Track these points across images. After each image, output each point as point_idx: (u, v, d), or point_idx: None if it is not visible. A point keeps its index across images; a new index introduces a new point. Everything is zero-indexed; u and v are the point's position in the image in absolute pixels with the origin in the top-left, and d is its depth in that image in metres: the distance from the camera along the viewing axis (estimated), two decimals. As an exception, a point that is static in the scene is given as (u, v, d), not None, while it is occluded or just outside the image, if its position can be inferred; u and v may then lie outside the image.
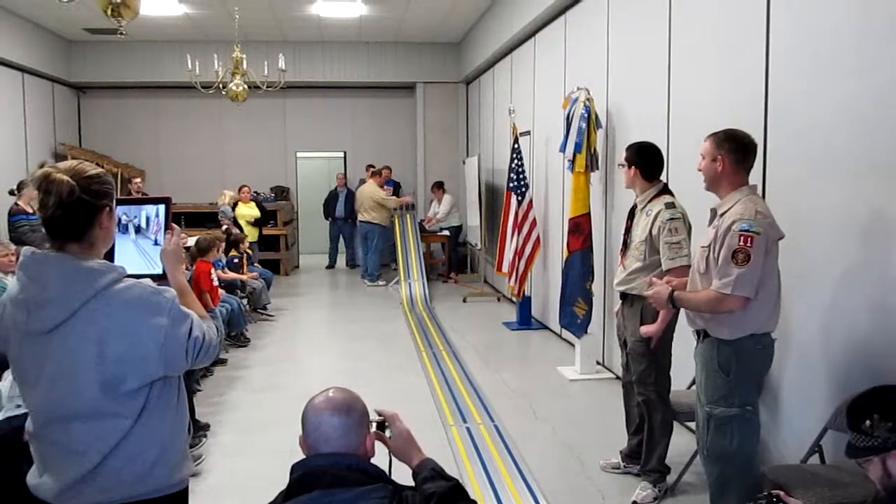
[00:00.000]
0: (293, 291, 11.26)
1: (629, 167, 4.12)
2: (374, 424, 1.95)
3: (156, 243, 2.15)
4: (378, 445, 1.93)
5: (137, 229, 2.17)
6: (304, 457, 1.81)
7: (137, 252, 2.16)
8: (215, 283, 7.09)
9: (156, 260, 2.13)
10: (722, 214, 3.12)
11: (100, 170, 1.94)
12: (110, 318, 1.82)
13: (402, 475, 1.94)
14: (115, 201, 1.95)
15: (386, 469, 1.92)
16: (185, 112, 13.27)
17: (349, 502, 1.67)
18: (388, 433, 1.99)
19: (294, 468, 1.77)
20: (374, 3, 10.24)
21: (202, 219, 11.80)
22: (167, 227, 2.14)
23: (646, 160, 4.10)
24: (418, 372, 6.70)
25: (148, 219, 2.17)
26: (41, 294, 1.83)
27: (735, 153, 3.14)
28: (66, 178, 1.82)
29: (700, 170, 3.26)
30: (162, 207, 2.18)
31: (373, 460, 1.87)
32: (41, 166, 1.85)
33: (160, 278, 2.10)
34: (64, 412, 1.85)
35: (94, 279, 1.84)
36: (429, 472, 1.89)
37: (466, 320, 9.01)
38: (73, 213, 1.86)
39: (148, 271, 2.12)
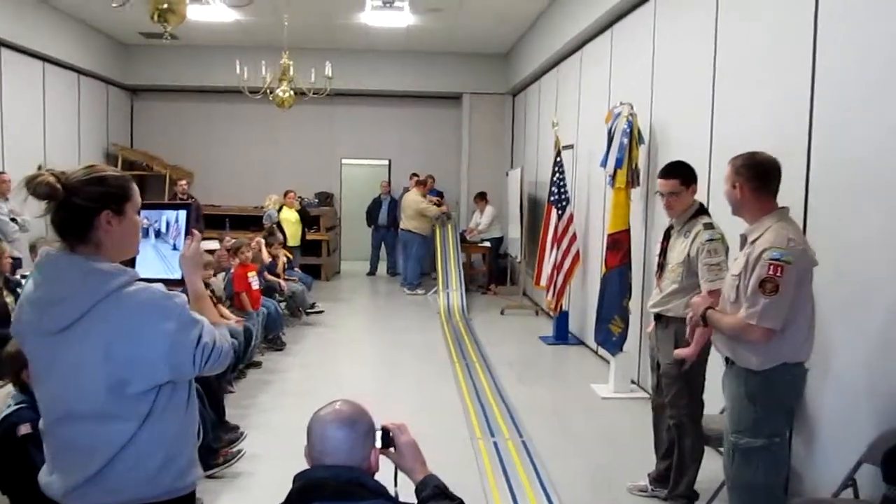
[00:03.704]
0: (333, 297, 11.32)
1: (688, 188, 3.98)
2: (380, 434, 1.92)
3: (174, 248, 2.16)
4: (385, 459, 1.91)
5: (157, 234, 2.18)
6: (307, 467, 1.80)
7: (157, 256, 2.17)
8: (255, 286, 7.18)
9: (174, 264, 2.14)
10: (753, 241, 3.02)
11: (110, 173, 1.94)
12: (119, 320, 1.83)
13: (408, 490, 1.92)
14: (125, 205, 1.93)
15: (392, 481, 1.90)
16: (234, 116, 13.47)
17: None
18: (391, 442, 1.95)
19: (296, 478, 1.76)
20: (422, 13, 10.28)
21: (247, 222, 11.96)
22: (188, 233, 2.15)
23: (693, 175, 4.04)
24: (450, 383, 6.66)
25: (168, 223, 2.18)
26: (53, 294, 1.85)
27: (754, 181, 3.05)
28: (48, 179, 1.83)
29: (725, 195, 3.19)
30: (183, 213, 2.19)
31: (379, 471, 1.85)
32: (38, 168, 1.86)
33: (178, 283, 2.11)
34: (72, 411, 1.87)
35: (106, 281, 1.85)
36: (432, 489, 1.86)
37: (503, 333, 8.95)
38: (66, 214, 1.88)
39: (166, 276, 2.13)
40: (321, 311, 9.41)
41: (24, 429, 3.04)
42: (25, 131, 9.72)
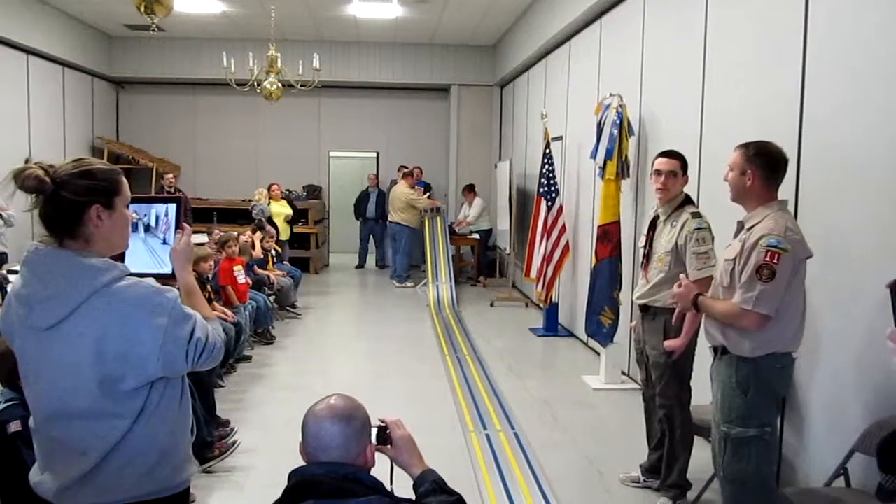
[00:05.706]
0: (322, 290, 11.29)
1: (683, 174, 4.02)
2: (376, 430, 1.90)
3: (164, 242, 2.13)
4: (380, 455, 1.89)
5: (147, 228, 2.15)
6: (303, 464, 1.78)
7: (146, 251, 2.14)
8: (241, 280, 7.14)
9: (164, 259, 2.11)
10: (749, 228, 3.02)
11: (99, 167, 1.91)
12: (110, 316, 1.80)
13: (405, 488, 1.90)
14: (115, 199, 1.90)
15: (388, 477, 1.88)
16: (221, 109, 13.38)
17: None
18: (388, 439, 1.93)
19: (290, 475, 1.74)
20: (410, 4, 10.23)
21: (234, 215, 11.90)
22: (178, 227, 2.12)
23: (688, 166, 4.07)
24: (441, 375, 6.65)
25: (157, 217, 2.15)
26: (43, 290, 1.82)
27: (765, 169, 3.04)
28: (36, 173, 1.80)
29: (727, 180, 3.17)
30: (172, 206, 2.16)
31: (374, 468, 1.83)
32: (25, 162, 1.83)
33: (169, 278, 2.08)
34: (63, 409, 1.84)
35: (96, 277, 1.82)
36: (430, 484, 1.84)
37: (493, 325, 8.95)
38: (55, 208, 1.84)
39: (157, 270, 2.10)
40: (299, 315, 9.21)
41: (14, 426, 3.00)
42: (9, 125, 9.62)
